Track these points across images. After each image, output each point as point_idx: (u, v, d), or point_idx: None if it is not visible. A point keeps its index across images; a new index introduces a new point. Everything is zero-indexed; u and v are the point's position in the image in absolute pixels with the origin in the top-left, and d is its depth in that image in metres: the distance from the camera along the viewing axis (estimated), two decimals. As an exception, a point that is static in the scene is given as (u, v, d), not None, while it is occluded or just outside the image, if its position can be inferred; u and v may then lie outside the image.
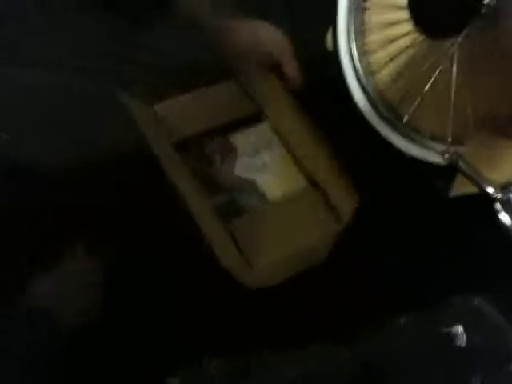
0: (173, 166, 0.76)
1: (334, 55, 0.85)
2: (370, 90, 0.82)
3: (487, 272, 0.70)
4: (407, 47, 0.77)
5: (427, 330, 0.62)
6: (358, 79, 0.83)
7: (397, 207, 0.79)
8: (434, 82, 0.75)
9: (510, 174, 0.70)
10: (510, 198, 0.69)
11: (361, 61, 0.82)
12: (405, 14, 0.74)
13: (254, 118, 0.87)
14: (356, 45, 0.82)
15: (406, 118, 0.78)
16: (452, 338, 0.61)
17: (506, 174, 0.70)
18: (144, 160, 0.76)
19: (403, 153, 0.77)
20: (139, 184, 0.82)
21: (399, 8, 0.75)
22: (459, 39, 0.71)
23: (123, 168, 0.82)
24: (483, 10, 0.67)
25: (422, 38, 0.74)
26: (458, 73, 0.72)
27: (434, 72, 0.75)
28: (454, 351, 0.60)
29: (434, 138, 0.75)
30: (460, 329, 0.60)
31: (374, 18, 0.80)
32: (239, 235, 0.74)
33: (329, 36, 0.86)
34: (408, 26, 0.75)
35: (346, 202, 0.74)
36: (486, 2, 0.67)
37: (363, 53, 0.82)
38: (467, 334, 0.60)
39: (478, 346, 0.60)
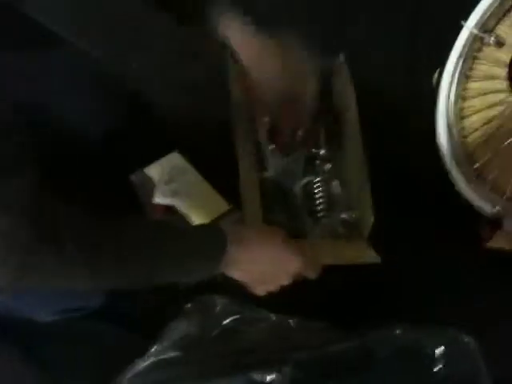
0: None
1: (435, 92, 0.92)
2: (454, 131, 0.88)
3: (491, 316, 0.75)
4: (498, 104, 0.83)
5: (415, 347, 0.69)
6: (447, 119, 0.89)
7: (438, 242, 0.85)
8: (510, 143, 0.81)
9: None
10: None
11: (455, 103, 0.89)
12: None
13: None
14: (456, 89, 0.89)
15: (476, 165, 0.85)
16: (432, 359, 0.68)
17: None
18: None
19: (460, 194, 0.83)
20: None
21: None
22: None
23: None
24: None
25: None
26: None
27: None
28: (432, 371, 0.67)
29: (493, 189, 0.81)
30: (440, 352, 0.67)
31: (479, 67, 0.87)
32: None
33: (436, 74, 0.93)
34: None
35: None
36: None
37: (460, 97, 0.89)
38: (445, 358, 0.67)
39: (453, 370, 0.67)
